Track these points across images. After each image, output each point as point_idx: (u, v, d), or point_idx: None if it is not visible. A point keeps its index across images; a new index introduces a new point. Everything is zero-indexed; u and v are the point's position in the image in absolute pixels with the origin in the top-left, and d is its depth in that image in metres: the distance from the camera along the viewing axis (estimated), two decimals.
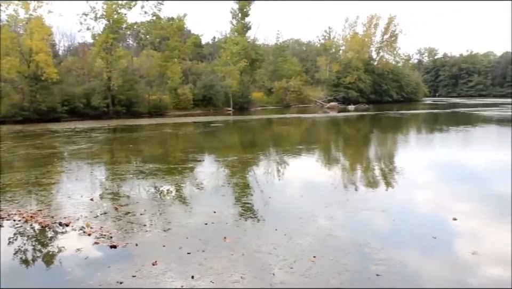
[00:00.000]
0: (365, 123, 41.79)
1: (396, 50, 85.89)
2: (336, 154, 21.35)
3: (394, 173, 15.65)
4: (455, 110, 59.85)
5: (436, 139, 27.54)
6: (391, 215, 9.66)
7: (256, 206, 10.57)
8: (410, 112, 55.21)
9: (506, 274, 6.63)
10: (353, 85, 70.78)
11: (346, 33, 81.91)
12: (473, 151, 22.27)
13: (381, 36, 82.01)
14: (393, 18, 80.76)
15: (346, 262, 6.90)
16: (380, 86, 77.52)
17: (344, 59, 76.47)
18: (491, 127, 36.19)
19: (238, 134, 31.25)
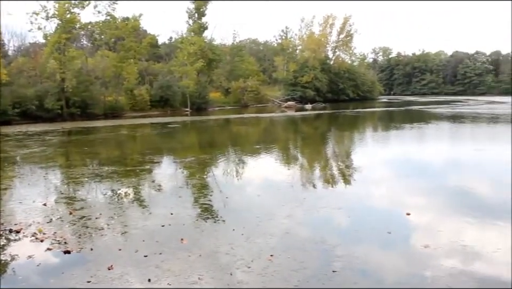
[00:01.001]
0: (322, 122, 42.34)
1: (351, 50, 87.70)
2: (294, 153, 21.56)
3: (351, 170, 15.93)
4: (409, 108, 61.43)
5: (391, 137, 28.22)
6: (347, 211, 9.84)
7: (214, 206, 10.55)
8: (366, 110, 56.30)
9: (459, 266, 6.88)
10: (310, 84, 71.54)
11: (302, 33, 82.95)
12: (427, 147, 22.93)
13: (337, 36, 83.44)
14: (348, 18, 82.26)
15: (304, 260, 6.97)
16: (337, 85, 78.72)
17: (301, 58, 77.22)
18: (443, 124, 37.33)
19: (196, 135, 31.10)
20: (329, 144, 24.96)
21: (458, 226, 8.87)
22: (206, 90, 58.54)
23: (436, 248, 7.58)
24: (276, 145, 23.69)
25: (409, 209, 9.84)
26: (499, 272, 6.72)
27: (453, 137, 27.56)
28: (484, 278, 6.53)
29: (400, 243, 7.99)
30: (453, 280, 6.40)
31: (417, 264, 7.02)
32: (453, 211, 10.06)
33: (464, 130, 32.38)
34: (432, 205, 10.80)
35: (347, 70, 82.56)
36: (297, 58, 78.94)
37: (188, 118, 44.72)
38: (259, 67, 79.57)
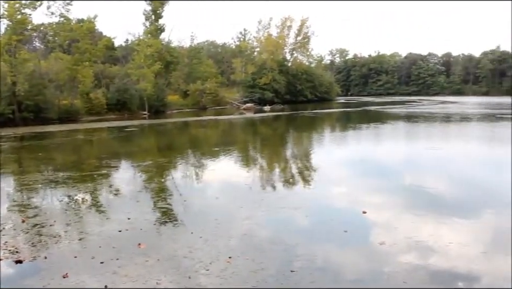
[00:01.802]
0: (281, 123, 42.64)
1: (309, 52, 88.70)
2: (252, 155, 21.62)
3: (310, 170, 16.12)
4: (366, 108, 62.66)
5: (349, 137, 28.70)
6: (306, 211, 9.96)
7: (172, 210, 10.48)
8: (324, 111, 57.06)
9: (416, 261, 7.08)
10: (268, 86, 71.91)
11: (260, 35, 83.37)
12: (384, 146, 23.46)
13: (295, 38, 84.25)
14: (305, 21, 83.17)
15: (262, 261, 7.01)
16: (295, 86, 79.40)
17: (259, 60, 77.56)
18: (399, 123, 38.25)
19: (154, 138, 30.74)
20: (288, 145, 25.18)
21: (414, 223, 9.12)
22: (164, 93, 57.93)
23: (393, 245, 7.78)
24: (234, 147, 23.70)
25: (366, 208, 10.03)
26: (453, 265, 6.97)
27: (408, 137, 28.28)
28: (438, 271, 6.74)
29: (357, 241, 8.15)
30: (409, 274, 6.58)
31: (375, 260, 7.19)
32: (409, 209, 10.33)
33: (418, 129, 33.27)
34: (388, 203, 11.06)
35: (305, 72, 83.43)
36: (256, 60, 79.29)
37: (146, 121, 44.18)
38: (217, 70, 79.44)
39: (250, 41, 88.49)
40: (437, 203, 10.91)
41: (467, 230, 8.74)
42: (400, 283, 6.25)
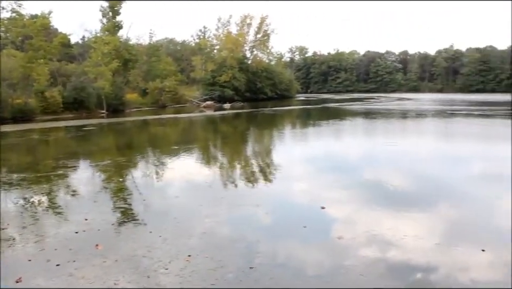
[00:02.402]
0: (241, 121, 42.69)
1: (268, 49, 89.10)
2: (213, 153, 21.57)
3: (271, 167, 16.20)
4: (326, 105, 63.50)
5: (309, 133, 29.03)
6: (266, 208, 10.00)
7: (131, 209, 10.34)
8: (284, 109, 57.46)
9: (375, 254, 7.24)
10: (228, 84, 71.79)
11: (220, 33, 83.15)
12: (343, 142, 23.85)
13: (254, 35, 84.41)
14: (265, 18, 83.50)
15: (222, 258, 7.01)
16: (255, 84, 79.57)
17: (219, 58, 77.34)
18: (357, 120, 38.92)
19: (113, 137, 30.24)
20: (249, 143, 25.23)
21: (372, 217, 9.30)
22: (123, 92, 57.01)
23: (352, 239, 7.92)
24: (195, 145, 23.59)
25: (326, 203, 10.17)
26: (410, 257, 7.15)
27: (366, 133, 28.82)
28: (396, 263, 6.93)
29: (317, 236, 8.26)
30: (368, 268, 6.71)
31: (334, 255, 7.30)
32: (367, 204, 10.54)
33: (376, 125, 33.97)
34: (348, 198, 11.24)
35: (265, 69, 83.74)
36: (215, 57, 78.99)
37: (104, 120, 43.36)
38: (177, 67, 78.70)
39: (210, 38, 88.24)
40: (394, 197, 11.20)
41: (423, 222, 8.99)
42: (356, 276, 6.37)
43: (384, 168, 15.73)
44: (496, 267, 6.78)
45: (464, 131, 28.83)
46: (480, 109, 50.01)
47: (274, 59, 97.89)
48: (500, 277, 6.40)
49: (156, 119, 43.98)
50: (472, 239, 7.97)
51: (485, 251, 7.27)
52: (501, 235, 8.12)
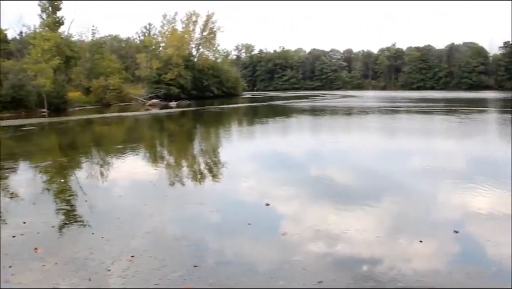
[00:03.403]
0: (188, 119, 42.41)
1: (215, 47, 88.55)
2: (158, 152, 21.34)
3: (217, 165, 16.22)
4: (272, 103, 63.93)
5: (256, 131, 29.19)
6: (210, 206, 9.99)
7: (73, 211, 10.07)
8: (231, 106, 57.49)
9: (323, 248, 7.40)
10: (174, 82, 70.84)
11: (165, 30, 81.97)
12: (290, 140, 24.15)
13: (200, 33, 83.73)
14: (211, 16, 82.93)
15: (165, 258, 6.96)
16: (201, 82, 78.94)
17: (164, 56, 76.10)
18: (304, 117, 39.50)
19: (55, 137, 29.27)
20: (195, 141, 25.12)
21: (318, 213, 9.51)
22: (65, 90, 55.19)
23: (298, 235, 8.06)
24: (140, 144, 23.22)
25: (272, 200, 10.30)
26: (357, 250, 7.36)
27: (312, 130, 29.32)
28: (344, 256, 7.14)
29: (262, 233, 8.34)
30: (314, 262, 6.87)
31: (280, 251, 7.39)
32: (313, 199, 10.80)
33: (321, 122, 34.57)
34: (294, 194, 11.41)
35: (211, 67, 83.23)
36: (161, 55, 77.77)
37: (45, 119, 41.90)
38: (121, 65, 77.00)
39: (155, 36, 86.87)
40: (339, 193, 11.47)
41: (367, 216, 9.28)
42: (299, 271, 6.49)
43: (329, 164, 16.08)
44: (433, 256, 7.09)
45: (405, 127, 29.84)
46: (420, 106, 51.91)
47: (220, 57, 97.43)
48: (438, 265, 6.70)
49: (100, 117, 42.92)
50: (412, 231, 8.28)
51: (422, 242, 7.58)
52: (436, 227, 8.52)
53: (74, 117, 44.05)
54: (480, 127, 29.33)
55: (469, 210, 9.58)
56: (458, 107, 47.90)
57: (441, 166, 15.31)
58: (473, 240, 7.94)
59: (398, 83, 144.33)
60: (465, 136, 24.42)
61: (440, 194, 11.37)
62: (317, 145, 21.58)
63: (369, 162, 16.30)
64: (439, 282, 6.05)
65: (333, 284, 6.05)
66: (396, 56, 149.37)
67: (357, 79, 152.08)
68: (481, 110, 45.74)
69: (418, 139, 22.89)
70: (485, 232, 8.20)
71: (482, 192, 11.15)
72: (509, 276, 6.29)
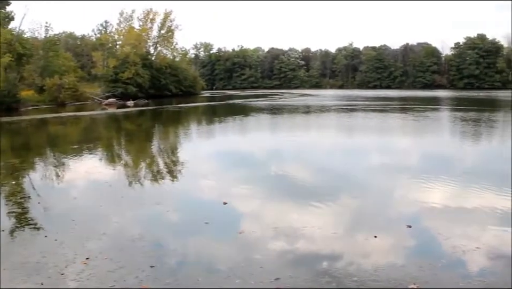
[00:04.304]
0: (146, 118, 41.86)
1: (173, 45, 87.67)
2: (115, 152, 20.96)
3: (175, 165, 16.09)
4: (231, 102, 63.90)
5: (215, 130, 29.11)
6: (168, 206, 9.89)
7: (24, 214, 9.76)
8: (189, 105, 57.12)
9: (285, 246, 7.44)
10: (131, 80, 69.60)
11: (122, 28, 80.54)
12: (248, 138, 24.20)
13: (158, 31, 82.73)
14: (169, 14, 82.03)
15: (121, 259, 6.85)
16: (159, 81, 77.92)
17: (121, 54, 74.72)
18: (262, 116, 39.62)
19: (6, 138, 28.22)
20: (154, 141, 24.82)
21: (277, 210, 9.57)
22: (17, 88, 53.38)
23: (259, 233, 8.09)
24: (96, 144, 22.74)
25: (231, 199, 10.29)
26: (316, 247, 7.45)
27: (271, 128, 29.47)
28: (303, 253, 7.19)
29: (220, 232, 8.33)
30: (280, 259, 6.93)
31: (243, 249, 7.39)
32: (273, 197, 10.85)
33: (280, 121, 34.82)
34: (253, 193, 11.43)
35: (169, 66, 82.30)
36: (118, 53, 76.39)
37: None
38: (77, 63, 75.32)
39: (111, 33, 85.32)
40: (299, 190, 11.57)
41: (326, 213, 9.40)
42: (257, 268, 6.50)
43: (288, 162, 16.21)
44: (387, 251, 7.26)
45: (362, 125, 30.38)
46: (376, 104, 52.99)
47: (178, 56, 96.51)
48: (392, 259, 6.87)
49: (55, 117, 41.77)
50: (368, 226, 8.40)
51: (377, 237, 7.73)
52: (392, 222, 8.73)
53: (27, 117, 42.70)
54: (433, 125, 30.16)
55: (423, 205, 9.83)
56: (413, 106, 49.23)
57: (397, 163, 15.71)
58: (426, 234, 8.16)
59: (355, 82, 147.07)
60: (419, 134, 25.08)
61: (396, 190, 11.66)
62: (276, 143, 21.69)
63: (328, 160, 16.54)
64: (393, 276, 6.18)
65: (289, 281, 6.09)
66: (353, 55, 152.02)
67: (315, 78, 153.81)
68: (434, 108, 47.08)
69: (375, 137, 23.37)
70: (437, 226, 8.43)
71: (436, 187, 11.49)
72: (458, 267, 6.56)
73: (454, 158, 16.94)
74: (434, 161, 16.32)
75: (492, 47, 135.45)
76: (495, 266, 6.56)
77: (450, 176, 12.67)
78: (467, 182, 11.96)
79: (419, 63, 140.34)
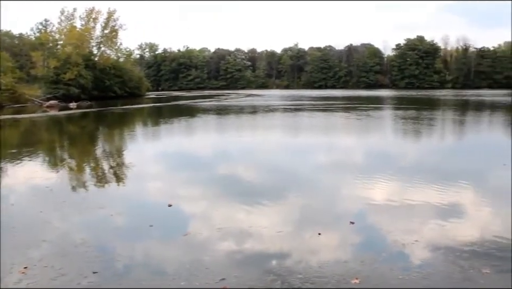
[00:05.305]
0: (89, 120, 40.81)
1: (117, 46, 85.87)
2: (57, 155, 20.30)
3: (120, 168, 15.77)
4: (177, 103, 63.35)
5: (162, 131, 28.75)
6: (111, 210, 9.65)
7: None
8: (135, 107, 56.18)
9: (233, 246, 7.45)
10: (74, 82, 67.57)
11: (63, 27, 78.02)
12: (196, 139, 24.06)
13: (101, 31, 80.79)
14: (113, 13, 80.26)
15: (62, 266, 6.63)
16: (103, 82, 76.01)
17: (63, 54, 72.36)
18: (209, 116, 39.52)
19: None
20: (98, 143, 24.21)
21: (226, 211, 9.55)
22: None
23: (205, 234, 8.05)
24: (37, 148, 21.87)
25: (177, 201, 10.21)
26: (264, 246, 7.48)
27: (218, 129, 29.43)
28: (252, 253, 7.22)
29: (164, 234, 8.25)
30: (226, 259, 6.93)
31: (189, 251, 7.32)
32: (220, 198, 10.85)
33: (227, 121, 34.83)
34: (200, 194, 11.34)
35: (113, 66, 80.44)
36: (59, 53, 73.96)
37: None
38: (15, 63, 72.38)
39: (52, 33, 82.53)
40: (246, 190, 11.59)
41: (275, 212, 9.51)
42: (202, 270, 6.48)
43: (235, 162, 16.26)
44: (332, 248, 7.41)
45: (308, 125, 30.85)
46: (321, 104, 53.96)
47: (123, 56, 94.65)
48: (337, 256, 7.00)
49: None
50: (314, 224, 8.53)
51: (321, 234, 7.88)
52: (336, 220, 8.92)
53: None
54: (376, 123, 31.02)
55: (366, 202, 10.09)
56: (356, 105, 50.47)
57: (342, 161, 16.06)
58: (368, 230, 8.38)
59: (301, 82, 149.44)
60: (363, 132, 25.75)
61: (340, 188, 11.91)
62: (222, 144, 21.68)
63: (274, 159, 16.68)
64: (337, 272, 6.32)
65: (234, 281, 6.11)
66: (298, 56, 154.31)
67: (261, 78, 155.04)
68: (377, 107, 48.46)
69: (320, 136, 23.76)
70: (379, 222, 8.71)
71: (379, 184, 11.83)
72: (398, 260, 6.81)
73: (395, 156, 17.50)
74: (377, 159, 16.81)
75: (430, 49, 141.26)
76: (433, 258, 6.84)
77: (393, 173, 13.13)
78: (409, 178, 12.37)
79: (363, 63, 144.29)
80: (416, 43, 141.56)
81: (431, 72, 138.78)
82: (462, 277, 6.12)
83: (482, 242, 7.41)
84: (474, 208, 9.58)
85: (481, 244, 7.34)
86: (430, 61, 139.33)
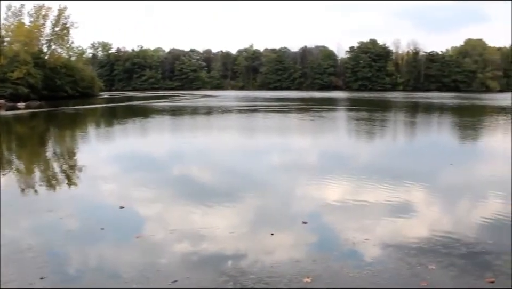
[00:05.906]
0: (39, 121, 39.61)
1: (68, 44, 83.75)
2: (5, 157, 19.57)
3: (72, 170, 15.39)
4: (131, 103, 62.40)
5: (115, 132, 28.23)
6: (61, 213, 9.38)
7: None
8: (87, 107, 55.02)
9: (189, 248, 7.41)
10: (22, 81, 65.26)
11: (10, 23, 75.29)
12: (150, 140, 23.77)
13: (52, 28, 78.58)
14: (63, 10, 78.32)
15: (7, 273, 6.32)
16: (53, 81, 73.80)
17: (10, 51, 69.80)
18: (163, 117, 39.16)
19: None
20: (48, 145, 23.52)
21: (183, 213, 9.51)
22: None
23: (158, 236, 7.98)
24: None
25: (130, 203, 10.07)
26: (222, 247, 7.45)
27: (172, 130, 29.18)
28: (205, 254, 7.16)
29: (116, 237, 8.10)
30: (182, 262, 6.89)
31: (141, 254, 7.21)
32: (175, 200, 10.81)
33: (181, 122, 34.57)
34: (154, 196, 11.17)
35: (64, 65, 78.36)
36: (5, 50, 71.27)
37: None
38: None
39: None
40: (201, 191, 11.60)
41: (229, 214, 9.51)
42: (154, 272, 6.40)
43: (189, 163, 16.17)
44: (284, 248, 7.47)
45: (262, 126, 31.02)
46: (276, 105, 54.40)
47: (74, 55, 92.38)
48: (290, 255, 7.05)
49: None
50: (267, 225, 8.62)
51: (273, 235, 7.96)
52: (289, 220, 9.00)
53: None
54: (329, 125, 31.54)
55: (320, 202, 10.26)
56: (310, 106, 51.16)
57: (297, 162, 16.23)
58: (321, 229, 8.53)
59: (256, 84, 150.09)
60: (317, 133, 26.11)
61: (294, 188, 12.04)
62: (177, 145, 21.52)
63: (229, 160, 16.69)
64: (289, 271, 6.37)
65: (186, 282, 6.08)
66: (253, 57, 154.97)
67: (216, 79, 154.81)
68: (330, 108, 49.30)
69: (275, 137, 23.95)
70: (332, 221, 8.89)
71: (332, 184, 12.07)
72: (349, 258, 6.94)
73: (348, 156, 17.83)
74: (330, 160, 17.11)
75: (382, 52, 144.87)
76: (383, 256, 7.03)
77: (346, 173, 13.46)
78: (361, 179, 12.63)
79: (317, 65, 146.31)
80: (369, 47, 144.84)
81: (383, 74, 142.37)
82: (410, 273, 6.31)
83: (429, 239, 7.67)
84: (423, 207, 9.90)
85: (428, 241, 7.59)
86: (382, 63, 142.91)
